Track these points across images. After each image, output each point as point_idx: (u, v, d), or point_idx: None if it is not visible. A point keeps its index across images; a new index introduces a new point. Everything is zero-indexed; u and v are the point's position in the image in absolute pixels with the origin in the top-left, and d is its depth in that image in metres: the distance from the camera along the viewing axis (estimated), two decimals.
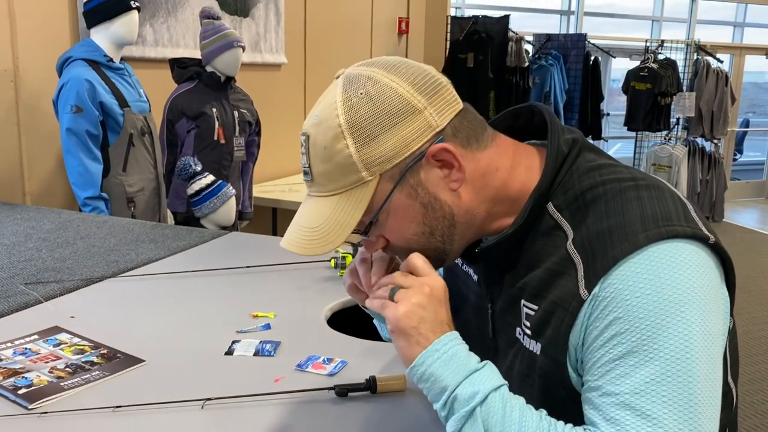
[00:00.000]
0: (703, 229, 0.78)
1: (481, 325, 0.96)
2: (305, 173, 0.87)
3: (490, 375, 0.79)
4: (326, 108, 0.83)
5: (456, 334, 0.82)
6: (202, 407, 1.07)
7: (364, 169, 0.81)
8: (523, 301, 0.85)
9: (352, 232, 0.84)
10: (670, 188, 0.84)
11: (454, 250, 0.88)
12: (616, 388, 0.73)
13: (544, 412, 0.79)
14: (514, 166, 0.87)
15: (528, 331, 0.85)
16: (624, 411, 0.72)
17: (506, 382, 0.80)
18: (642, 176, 0.85)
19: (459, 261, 1.03)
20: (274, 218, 4.25)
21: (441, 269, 1.12)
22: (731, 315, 0.83)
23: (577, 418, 0.79)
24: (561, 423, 0.77)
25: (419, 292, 0.81)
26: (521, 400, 0.79)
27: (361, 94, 0.81)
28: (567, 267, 0.80)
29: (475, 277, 0.98)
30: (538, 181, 0.85)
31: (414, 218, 0.85)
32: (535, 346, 0.83)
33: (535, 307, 0.83)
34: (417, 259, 0.85)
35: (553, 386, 0.82)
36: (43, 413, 1.04)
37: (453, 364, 0.79)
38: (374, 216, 0.84)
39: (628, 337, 0.73)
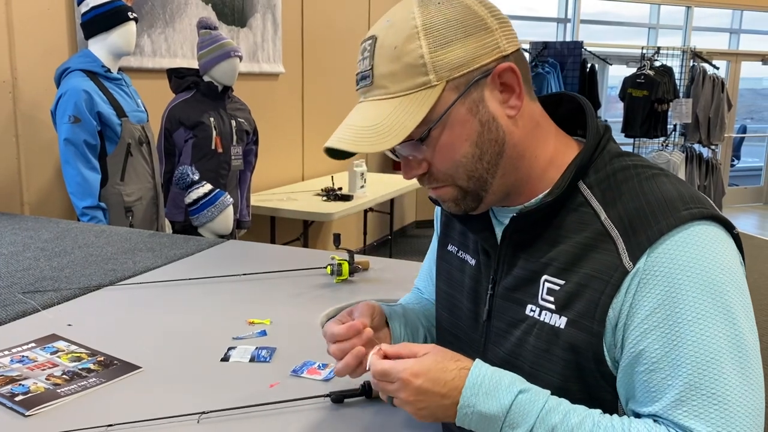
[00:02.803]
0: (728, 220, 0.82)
1: (475, 309, 0.97)
2: (364, 78, 0.85)
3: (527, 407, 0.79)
4: (400, 14, 0.84)
5: (467, 389, 0.81)
6: (198, 421, 1.06)
7: (432, 72, 0.81)
8: (545, 277, 0.85)
9: (402, 142, 0.82)
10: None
11: (493, 187, 0.88)
12: (681, 370, 0.74)
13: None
14: (554, 134, 0.90)
15: (550, 306, 0.84)
16: (691, 392, 0.73)
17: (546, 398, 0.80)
18: (669, 171, 0.88)
19: (454, 249, 1.04)
20: (272, 227, 4.26)
21: (434, 256, 1.12)
22: None
23: (601, 391, 0.81)
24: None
25: (406, 392, 0.82)
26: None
27: (439, 3, 0.83)
28: (603, 241, 0.81)
29: (473, 262, 0.98)
30: (577, 155, 0.87)
31: (469, 136, 0.84)
32: (558, 320, 0.83)
33: (562, 282, 0.83)
34: (380, 366, 0.85)
35: (582, 359, 0.81)
36: None
37: (486, 423, 0.80)
38: (433, 125, 0.83)
39: (683, 317, 0.74)
